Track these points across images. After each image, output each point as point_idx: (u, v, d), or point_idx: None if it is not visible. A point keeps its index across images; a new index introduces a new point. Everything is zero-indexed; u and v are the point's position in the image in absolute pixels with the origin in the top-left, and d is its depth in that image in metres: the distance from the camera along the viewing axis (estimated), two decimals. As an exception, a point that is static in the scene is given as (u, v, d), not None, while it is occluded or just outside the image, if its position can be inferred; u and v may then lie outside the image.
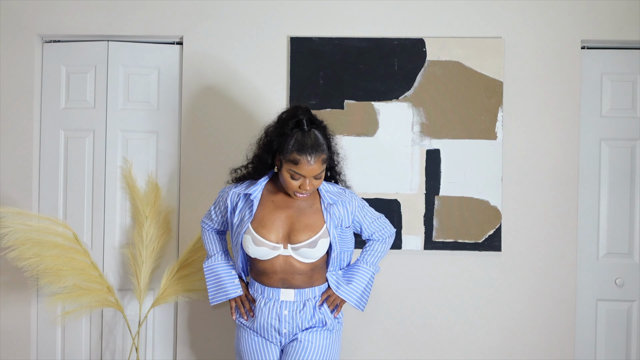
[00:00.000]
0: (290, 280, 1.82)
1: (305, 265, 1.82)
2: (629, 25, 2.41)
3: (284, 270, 1.81)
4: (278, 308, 1.82)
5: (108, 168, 2.48)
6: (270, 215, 1.82)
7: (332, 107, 2.41)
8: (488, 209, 2.39)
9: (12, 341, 2.47)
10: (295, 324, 1.83)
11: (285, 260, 1.81)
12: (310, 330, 1.84)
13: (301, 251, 1.79)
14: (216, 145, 2.44)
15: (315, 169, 1.71)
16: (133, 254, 2.35)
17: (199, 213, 2.42)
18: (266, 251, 1.79)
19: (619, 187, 2.47)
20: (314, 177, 1.74)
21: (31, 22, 2.46)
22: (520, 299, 2.42)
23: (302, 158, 1.69)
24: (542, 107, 2.42)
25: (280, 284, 1.83)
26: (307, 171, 1.71)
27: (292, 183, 1.74)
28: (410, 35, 2.43)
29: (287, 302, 1.82)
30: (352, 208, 1.88)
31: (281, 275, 1.82)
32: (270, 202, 1.85)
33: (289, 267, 1.81)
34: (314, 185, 1.76)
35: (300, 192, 1.76)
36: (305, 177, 1.72)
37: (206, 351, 2.45)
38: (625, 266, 2.47)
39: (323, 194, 1.85)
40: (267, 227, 1.80)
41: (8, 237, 2.10)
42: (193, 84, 2.45)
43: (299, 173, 1.71)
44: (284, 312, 1.82)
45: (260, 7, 2.45)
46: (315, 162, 1.71)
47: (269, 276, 1.83)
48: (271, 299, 1.83)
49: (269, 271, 1.83)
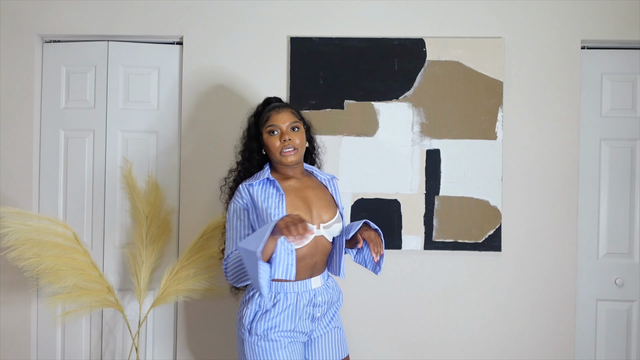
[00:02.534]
0: (319, 263, 1.83)
1: (329, 244, 1.85)
2: (629, 25, 2.41)
3: (317, 251, 1.81)
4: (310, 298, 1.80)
5: (108, 168, 2.48)
6: (298, 198, 1.82)
7: (332, 107, 2.41)
8: (488, 209, 2.39)
9: (12, 341, 2.47)
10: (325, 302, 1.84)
11: (318, 241, 1.81)
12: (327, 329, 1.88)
13: (332, 228, 1.83)
14: (216, 146, 2.44)
15: (286, 117, 1.83)
16: (133, 254, 2.35)
17: (199, 213, 2.42)
18: (310, 237, 1.79)
19: (619, 187, 2.47)
20: (291, 129, 1.83)
21: (31, 22, 2.46)
22: (520, 299, 2.42)
23: (272, 111, 1.85)
24: (542, 107, 2.42)
25: (309, 272, 1.81)
26: (279, 119, 1.82)
27: (274, 141, 1.81)
28: (410, 35, 2.43)
29: (318, 288, 1.83)
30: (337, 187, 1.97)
31: (314, 259, 1.81)
32: (288, 187, 1.84)
33: (320, 247, 1.82)
34: (293, 137, 1.81)
35: (285, 148, 1.80)
36: (280, 127, 1.81)
37: (206, 351, 2.45)
38: (625, 266, 2.47)
39: (317, 174, 1.94)
40: (302, 209, 1.80)
41: (8, 237, 2.10)
42: (193, 84, 2.45)
43: (273, 123, 1.82)
44: (318, 299, 1.82)
45: (260, 7, 2.45)
46: (283, 112, 1.83)
47: (303, 264, 1.78)
48: (301, 293, 1.78)
49: (306, 256, 1.78)
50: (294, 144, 1.81)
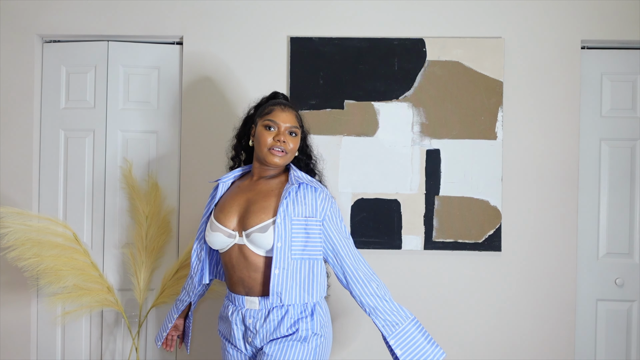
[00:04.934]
0: (247, 280, 1.65)
1: (259, 259, 1.63)
2: (629, 25, 2.41)
3: (239, 264, 1.65)
4: (242, 316, 1.67)
5: (108, 168, 2.48)
6: (230, 200, 1.71)
7: (332, 107, 2.41)
8: (488, 209, 2.39)
9: (12, 341, 2.47)
10: (262, 333, 1.65)
11: (240, 251, 1.65)
12: (279, 340, 1.64)
13: (252, 237, 1.62)
14: (216, 146, 2.44)
15: (288, 118, 1.70)
16: (133, 254, 2.35)
17: (199, 213, 2.42)
18: (222, 238, 1.65)
19: (619, 187, 2.47)
20: (289, 132, 1.70)
21: (31, 22, 2.46)
22: (520, 298, 2.42)
23: (277, 107, 1.72)
24: (542, 107, 2.42)
25: (242, 289, 1.67)
26: (281, 118, 1.69)
27: (267, 136, 1.67)
28: (410, 35, 2.43)
29: (251, 310, 1.65)
30: (323, 203, 1.70)
31: (238, 272, 1.65)
32: (235, 188, 1.76)
33: (243, 260, 1.64)
34: (288, 141, 1.68)
35: (275, 146, 1.67)
36: (279, 126, 1.69)
37: (206, 351, 2.45)
38: (625, 266, 2.47)
39: (291, 176, 1.70)
40: (225, 211, 1.68)
41: (8, 237, 2.10)
42: (193, 84, 2.45)
43: (273, 120, 1.69)
44: (249, 321, 1.65)
45: (260, 7, 2.45)
46: (288, 112, 1.72)
47: (229, 274, 1.69)
48: (237, 307, 1.69)
49: (228, 266, 1.68)
50: (286, 148, 1.68)
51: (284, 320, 1.64)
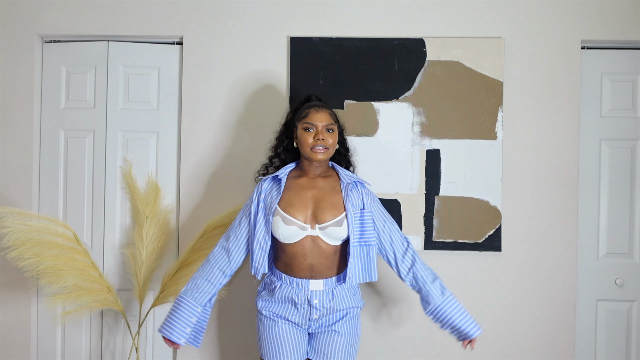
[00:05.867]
0: (317, 266, 1.87)
1: (330, 247, 1.88)
2: (629, 25, 2.41)
3: (312, 252, 1.86)
4: (306, 297, 1.87)
5: (108, 168, 2.48)
6: (297, 196, 1.90)
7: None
8: (488, 209, 2.39)
9: (12, 341, 2.47)
10: (326, 311, 1.89)
11: (313, 242, 1.86)
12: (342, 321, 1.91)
13: (328, 230, 1.86)
14: (216, 146, 2.44)
15: (324, 117, 1.91)
16: (133, 254, 2.35)
17: (199, 213, 2.42)
18: (295, 231, 1.85)
19: (619, 187, 2.47)
20: (326, 130, 1.90)
21: (31, 22, 2.46)
22: (520, 298, 2.42)
23: (311, 109, 1.93)
24: (542, 107, 2.42)
25: (308, 273, 1.87)
26: (317, 118, 1.90)
27: (307, 137, 1.89)
28: (410, 35, 2.43)
29: (316, 291, 1.87)
30: (369, 197, 1.97)
31: (310, 259, 1.86)
32: (295, 185, 1.94)
33: (316, 249, 1.86)
34: (327, 137, 1.89)
35: (316, 145, 1.88)
36: (317, 126, 1.89)
37: (207, 351, 2.45)
38: (625, 266, 2.47)
39: (341, 174, 1.96)
40: (296, 206, 1.88)
41: (8, 237, 2.10)
42: (193, 84, 2.45)
43: (310, 122, 1.90)
44: (314, 301, 1.87)
45: (260, 7, 2.45)
46: (322, 111, 1.92)
47: (299, 262, 1.87)
48: (300, 289, 1.87)
49: (299, 255, 1.86)
50: (326, 144, 1.89)
51: (345, 298, 1.92)
